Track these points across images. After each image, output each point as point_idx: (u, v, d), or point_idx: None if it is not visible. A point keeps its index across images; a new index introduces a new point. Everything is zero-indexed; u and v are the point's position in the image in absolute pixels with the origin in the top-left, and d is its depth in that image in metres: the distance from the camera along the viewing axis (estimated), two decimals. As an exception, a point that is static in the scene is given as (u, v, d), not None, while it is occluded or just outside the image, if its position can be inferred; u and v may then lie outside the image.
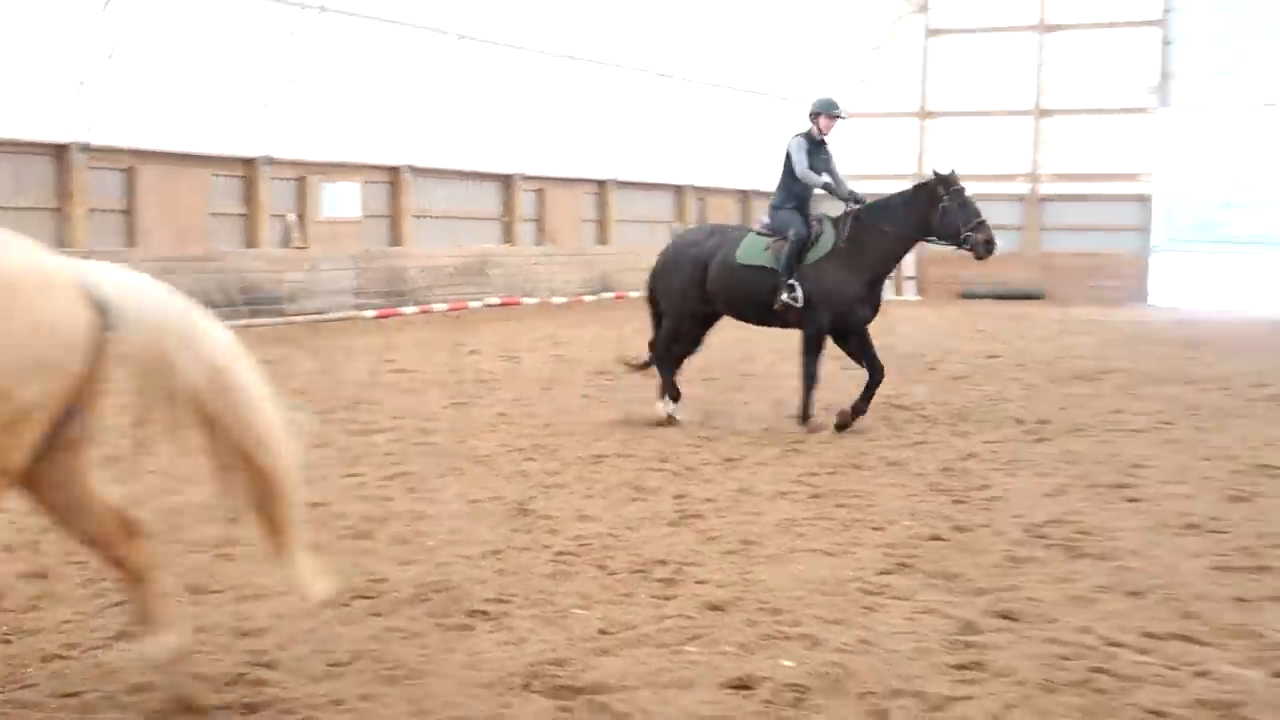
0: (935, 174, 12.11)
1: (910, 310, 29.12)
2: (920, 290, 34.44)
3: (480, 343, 19.33)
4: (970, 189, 12.19)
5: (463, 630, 5.95)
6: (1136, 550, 7.45)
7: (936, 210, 11.84)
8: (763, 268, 11.89)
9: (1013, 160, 35.28)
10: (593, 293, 29.89)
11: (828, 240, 11.87)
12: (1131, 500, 8.84)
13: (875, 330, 12.40)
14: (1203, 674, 5.42)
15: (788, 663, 5.52)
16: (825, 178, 12.05)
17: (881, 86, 36.50)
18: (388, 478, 9.32)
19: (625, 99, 29.83)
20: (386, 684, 5.26)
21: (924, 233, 11.98)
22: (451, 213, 26.82)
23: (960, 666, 5.50)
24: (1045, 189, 34.94)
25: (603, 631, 5.94)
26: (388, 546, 7.43)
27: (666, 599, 6.46)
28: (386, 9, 23.27)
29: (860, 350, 11.92)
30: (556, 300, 28.42)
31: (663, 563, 7.11)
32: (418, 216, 25.82)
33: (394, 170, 25.22)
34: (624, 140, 30.38)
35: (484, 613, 6.19)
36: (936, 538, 7.75)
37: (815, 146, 12.23)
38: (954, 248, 12.03)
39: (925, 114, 36.26)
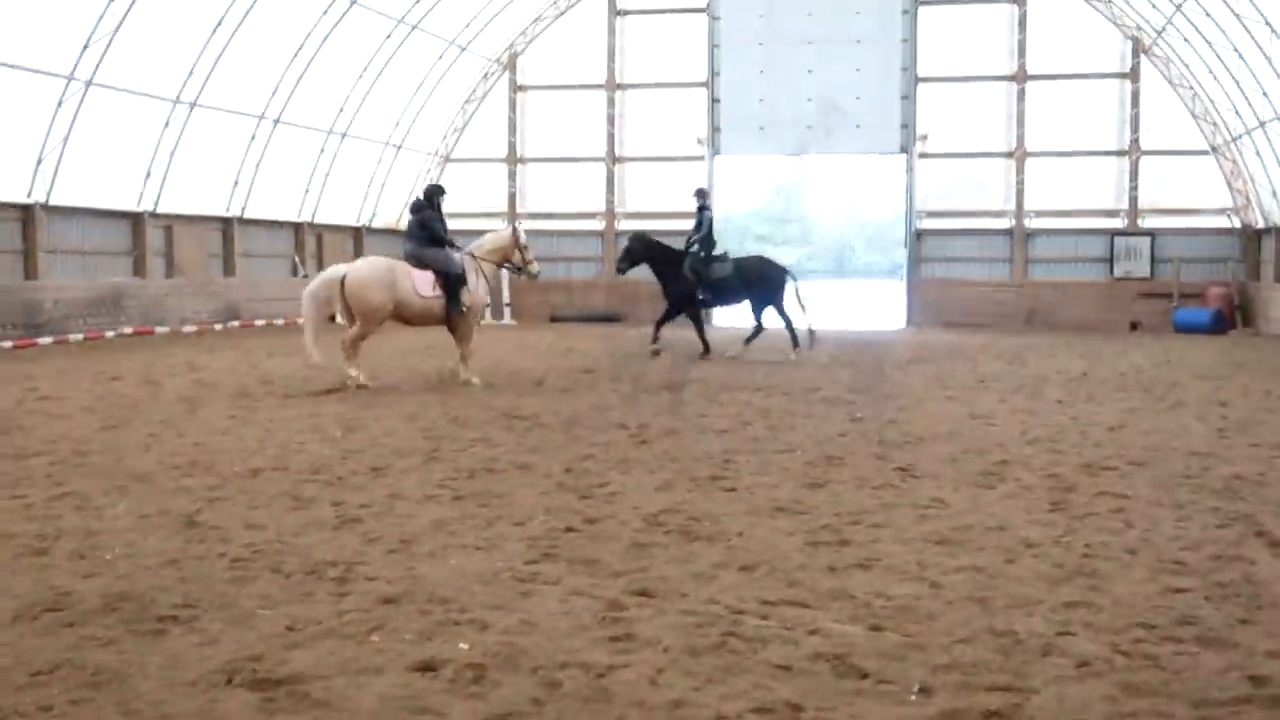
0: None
1: (510, 334, 29.39)
2: (515, 315, 34.75)
3: (121, 370, 18.34)
4: (559, 225, 12.50)
5: (156, 635, 5.65)
6: (741, 531, 7.77)
7: None
8: None
9: (591, 200, 36.15)
10: (221, 322, 28.83)
11: None
12: (728, 490, 9.20)
13: (503, 348, 12.43)
14: (814, 632, 5.71)
15: (464, 645, 5.50)
16: None
17: (477, 135, 36.72)
18: (53, 498, 8.73)
19: (248, 143, 28.91)
20: (92, 689, 4.94)
21: None
22: (84, 248, 25.31)
23: (614, 639, 5.61)
24: (621, 225, 35.85)
25: (290, 628, 5.76)
26: (67, 561, 6.97)
27: (343, 595, 6.32)
28: (10, 54, 21.79)
29: None
30: (187, 329, 27.26)
31: (333, 564, 6.95)
32: (49, 252, 24.24)
33: (27, 209, 23.60)
34: (247, 181, 29.43)
35: (174, 618, 5.90)
36: (571, 529, 7.86)
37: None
38: None
39: (515, 160, 36.63)
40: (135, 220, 26.66)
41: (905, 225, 35.72)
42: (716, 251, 22.17)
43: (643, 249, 22.04)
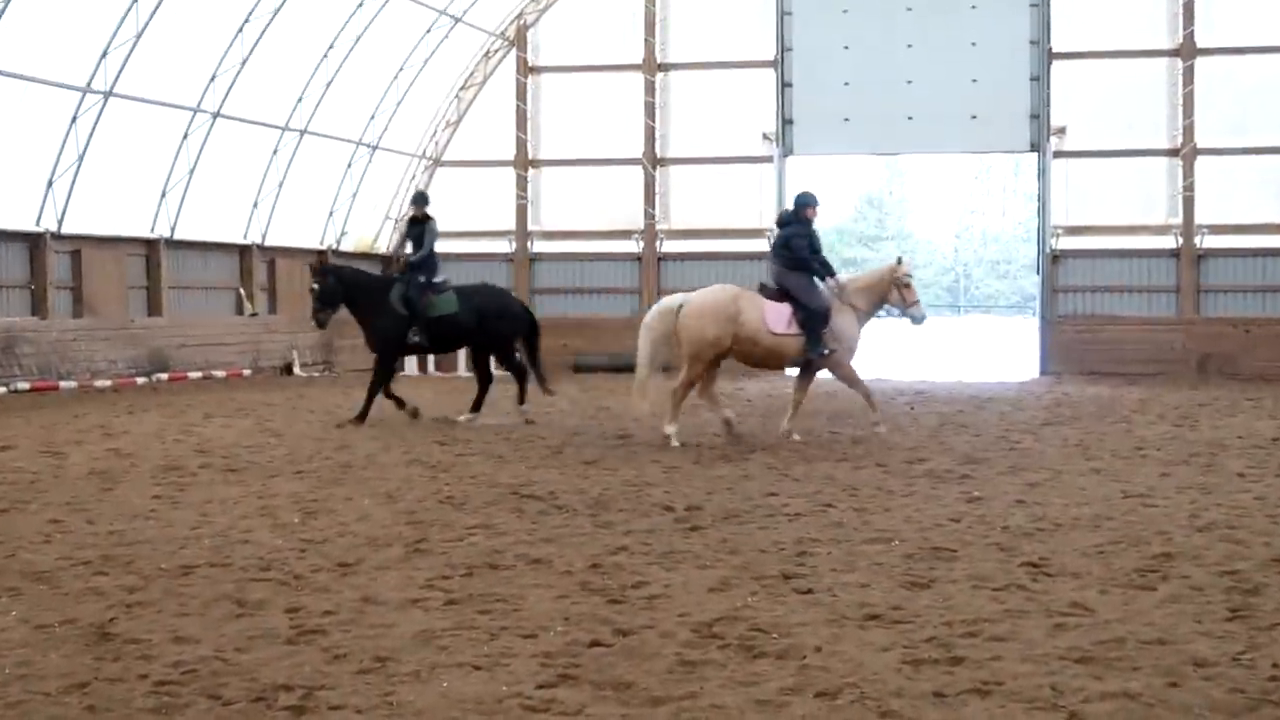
0: None
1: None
2: (527, 363, 34.88)
3: (13, 437, 18.54)
4: (583, 247, 12.70)
5: (58, 783, 5.71)
6: (819, 647, 7.76)
7: None
8: None
9: (626, 214, 36.25)
10: (145, 373, 29.10)
11: None
12: (804, 592, 9.21)
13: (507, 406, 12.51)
14: (914, 777, 5.70)
15: (456, 795, 5.53)
16: None
17: (476, 130, 37.01)
18: (-74, 604, 8.83)
19: (178, 144, 29.28)
20: None
21: None
22: (-35, 281, 25.73)
23: (652, 787, 5.63)
24: (665, 247, 36.03)
25: (230, 773, 5.81)
26: (-58, 687, 7.05)
27: (300, 730, 6.36)
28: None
29: None
30: (101, 384, 27.54)
31: (287, 688, 6.99)
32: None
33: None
34: (177, 193, 29.78)
35: (80, 760, 5.96)
36: (597, 643, 7.87)
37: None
38: None
39: (526, 162, 36.92)
40: (33, 243, 27.04)
41: (1037, 245, 35.75)
42: (438, 278, 21.38)
43: (335, 285, 21.08)
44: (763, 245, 35.51)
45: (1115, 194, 34.50)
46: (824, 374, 19.51)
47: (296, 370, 33.00)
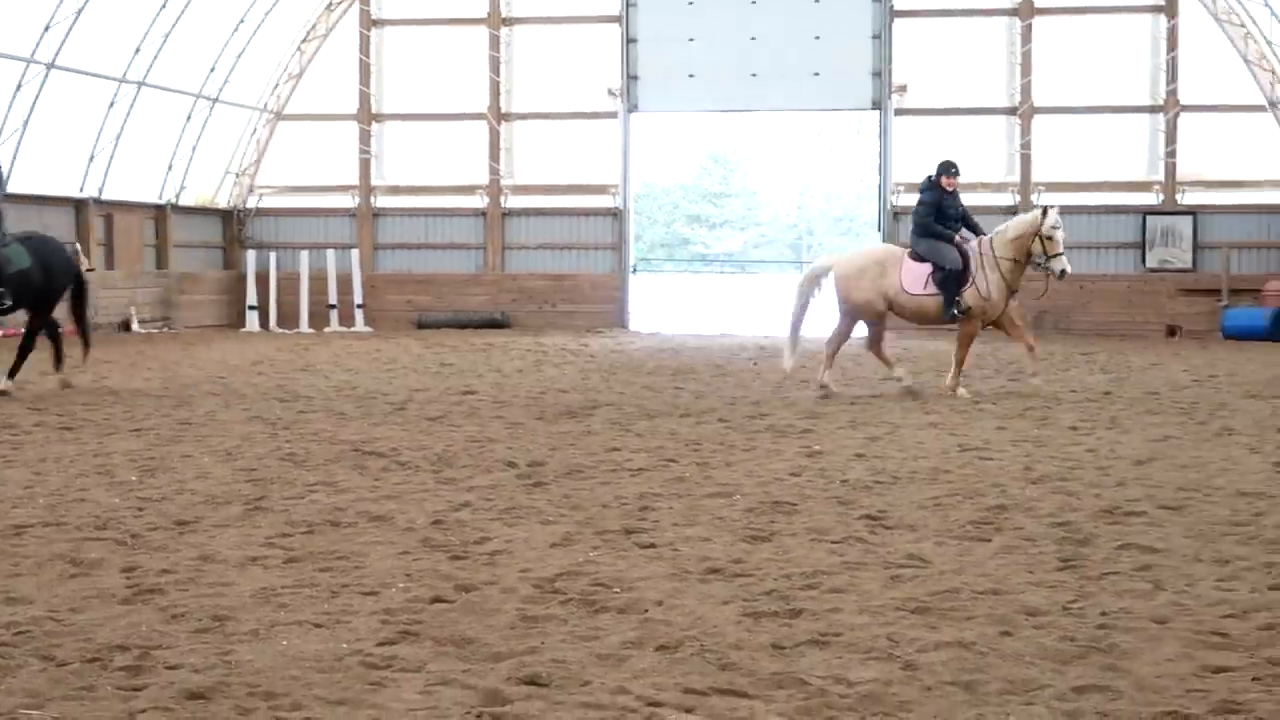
0: None
1: (362, 343, 29.32)
2: (370, 320, 34.70)
3: None
4: (428, 202, 12.53)
5: (-116, 747, 5.59)
6: (660, 601, 7.81)
7: None
8: None
9: (471, 170, 36.06)
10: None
11: None
12: (646, 546, 9.25)
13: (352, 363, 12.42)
14: (753, 729, 5.76)
15: (295, 754, 5.49)
16: None
17: (319, 84, 36.58)
18: None
19: (12, 95, 28.59)
20: None
21: None
22: None
23: (492, 742, 5.63)
24: (508, 203, 35.89)
25: (63, 735, 5.72)
26: None
27: (136, 690, 6.26)
28: None
29: None
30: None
31: (123, 648, 6.89)
32: None
33: None
34: (10, 144, 29.10)
35: (-93, 724, 5.84)
36: (439, 600, 7.85)
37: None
38: None
39: (370, 116, 36.54)
40: None
41: (879, 202, 36.10)
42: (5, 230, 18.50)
43: None
44: (609, 201, 35.58)
45: (956, 152, 34.85)
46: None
47: (135, 327, 32.45)
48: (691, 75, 35.61)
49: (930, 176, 19.32)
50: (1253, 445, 14.06)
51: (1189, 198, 34.14)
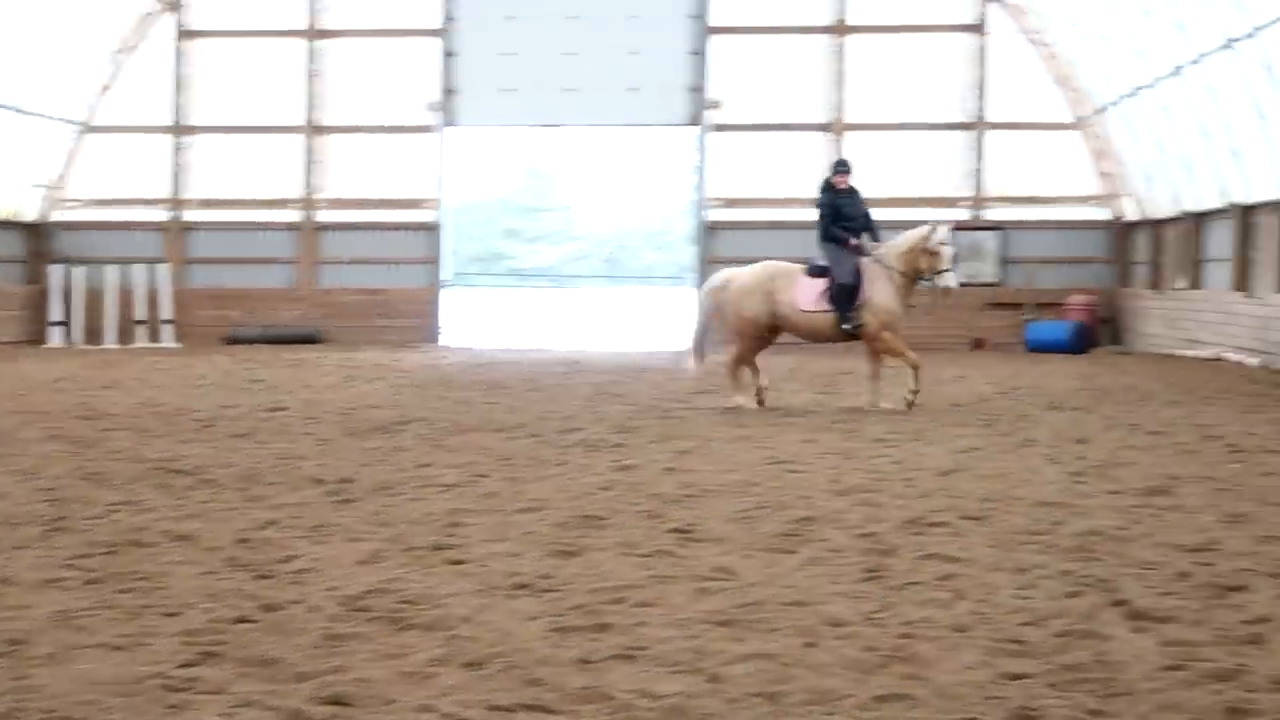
0: None
1: (171, 359, 28.85)
2: (179, 335, 34.15)
3: None
4: (240, 216, 12.36)
5: None
6: (468, 617, 7.78)
7: None
8: None
9: (285, 184, 35.66)
10: None
11: None
12: (455, 563, 9.21)
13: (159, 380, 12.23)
14: (557, 745, 5.76)
15: (89, 780, 5.38)
16: None
17: (131, 95, 35.92)
18: None
19: None
20: None
21: None
22: None
23: (293, 763, 5.57)
24: (322, 216, 35.54)
25: None
26: None
27: (-77, 718, 6.11)
28: None
29: None
30: None
31: (-89, 675, 6.71)
32: None
33: None
34: None
35: None
36: (243, 620, 7.74)
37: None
38: None
39: (182, 129, 35.99)
40: None
41: (694, 217, 36.35)
42: None
43: None
44: (426, 215, 35.42)
45: (771, 168, 35.31)
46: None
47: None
48: (510, 90, 35.62)
49: (826, 179, 19.31)
50: (1052, 456, 14.38)
51: (996, 213, 34.86)
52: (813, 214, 31.01)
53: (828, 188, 19.08)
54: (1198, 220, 30.52)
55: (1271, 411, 18.57)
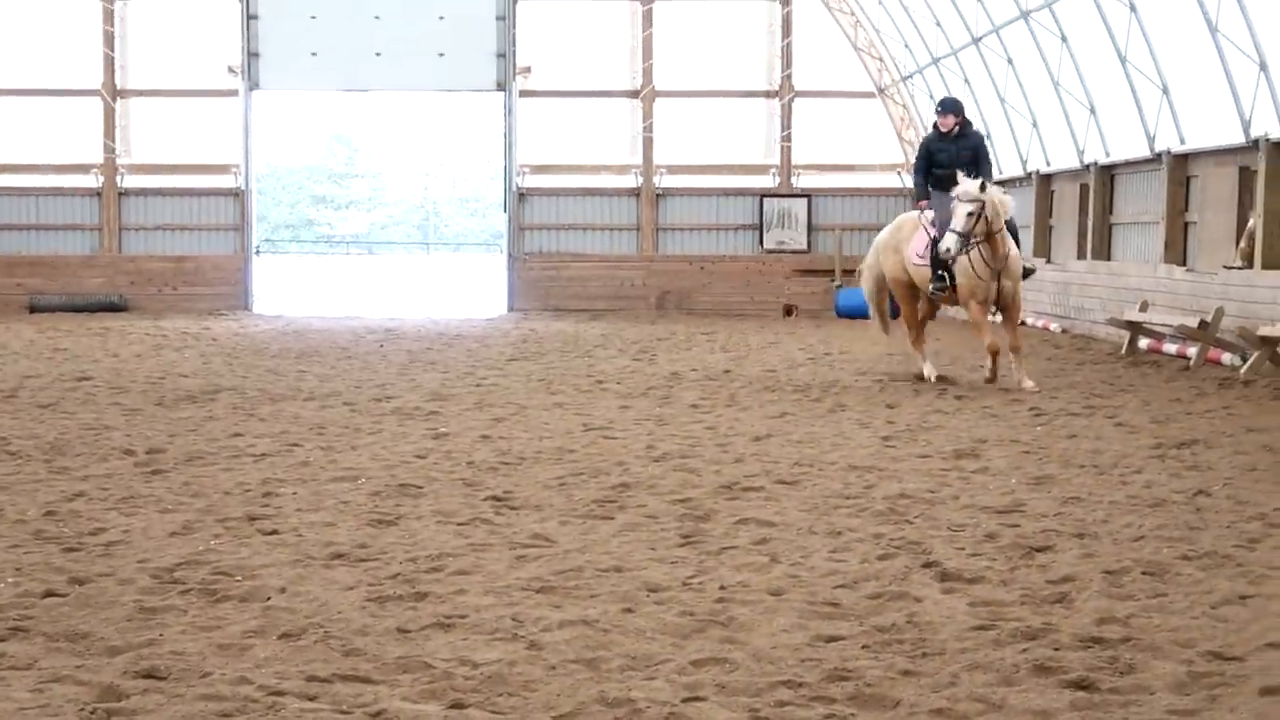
0: None
1: (-30, 328, 28.09)
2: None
3: None
4: (38, 181, 12.01)
5: None
6: (283, 588, 7.72)
7: None
8: None
9: (85, 148, 34.84)
10: None
11: None
12: (269, 533, 9.13)
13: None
14: (376, 714, 5.73)
15: (-106, 761, 5.25)
16: None
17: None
18: None
19: None
20: None
21: None
22: None
23: (107, 739, 5.49)
24: (125, 182, 34.81)
25: None
26: None
27: None
28: None
29: None
30: None
31: None
32: None
33: None
34: None
35: None
36: (52, 593, 7.60)
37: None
38: None
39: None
40: None
41: (504, 183, 36.24)
42: None
43: None
44: (231, 181, 34.85)
45: (580, 134, 35.32)
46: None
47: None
48: (314, 54, 35.11)
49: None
50: (863, 420, 14.62)
51: (804, 181, 35.20)
52: (625, 182, 31.31)
53: (934, 131, 17.48)
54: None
55: (1072, 375, 19.05)
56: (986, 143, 16.63)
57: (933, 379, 17.37)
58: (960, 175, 16.46)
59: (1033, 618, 7.09)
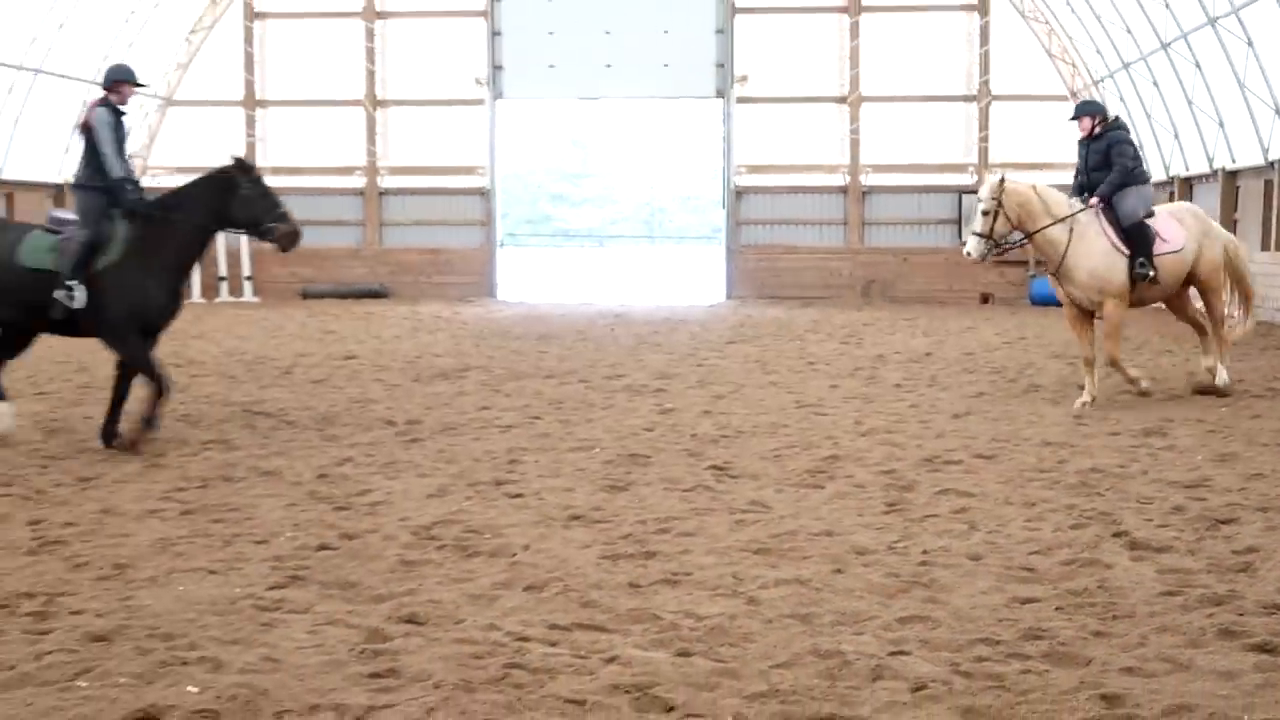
0: (233, 159, 11.85)
1: (251, 312, 28.96)
2: (258, 291, 34.24)
3: None
4: (310, 182, 12.20)
5: None
6: (527, 545, 7.85)
7: (235, 199, 11.40)
8: (46, 271, 10.98)
9: (349, 152, 35.68)
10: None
11: (120, 239, 11.15)
12: (514, 496, 9.28)
13: (243, 330, 12.28)
14: (611, 660, 5.81)
15: (192, 689, 5.44)
16: (124, 171, 11.32)
17: (206, 72, 35.92)
18: None
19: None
20: None
21: (222, 224, 11.53)
22: None
23: (375, 675, 5.63)
24: (385, 182, 35.58)
25: (-26, 677, 5.62)
26: None
27: (42, 634, 6.19)
28: None
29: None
30: None
31: (29, 595, 6.80)
32: None
33: None
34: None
35: None
36: (325, 547, 7.83)
37: (118, 122, 11.49)
38: (258, 239, 11.86)
39: (254, 102, 36.01)
40: None
41: (722, 182, 36.26)
42: None
43: None
44: (478, 181, 35.41)
45: (792, 136, 35.21)
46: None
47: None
48: (552, 65, 35.56)
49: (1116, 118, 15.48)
50: (1055, 400, 14.35)
51: (1000, 179, 34.54)
52: (834, 180, 31.13)
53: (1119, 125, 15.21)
54: (1186, 184, 30.31)
55: (1256, 360, 18.46)
56: (1124, 144, 14.52)
57: (1144, 384, 14.54)
58: (992, 175, 14.96)
59: (1218, 585, 6.91)
